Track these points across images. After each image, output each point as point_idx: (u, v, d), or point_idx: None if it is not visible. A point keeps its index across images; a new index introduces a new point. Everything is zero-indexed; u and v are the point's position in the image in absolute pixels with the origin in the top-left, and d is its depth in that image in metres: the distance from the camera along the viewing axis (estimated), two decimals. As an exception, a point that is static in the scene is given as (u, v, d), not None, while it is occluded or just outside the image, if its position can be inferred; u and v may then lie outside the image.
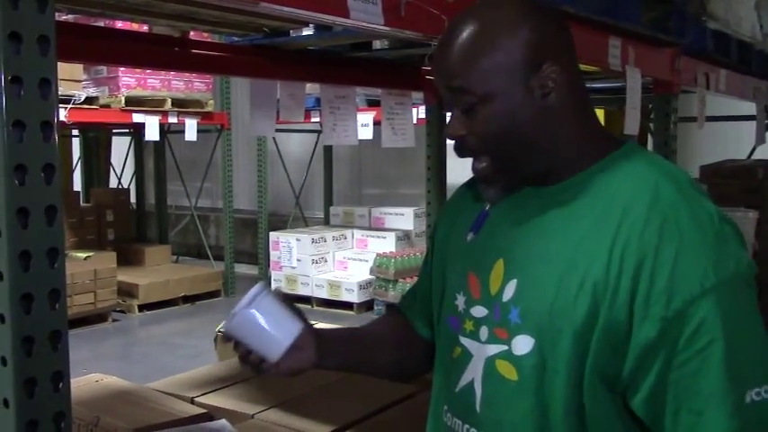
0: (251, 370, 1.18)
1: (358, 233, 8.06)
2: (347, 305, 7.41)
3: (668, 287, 0.98)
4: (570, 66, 1.09)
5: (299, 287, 7.75)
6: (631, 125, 2.56)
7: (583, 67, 2.51)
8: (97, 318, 7.01)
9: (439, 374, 1.24)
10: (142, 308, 7.49)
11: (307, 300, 7.68)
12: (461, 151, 1.11)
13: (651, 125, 4.78)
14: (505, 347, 1.08)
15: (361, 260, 7.68)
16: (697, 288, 0.97)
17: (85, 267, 6.90)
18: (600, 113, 7.04)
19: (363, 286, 7.31)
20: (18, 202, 0.73)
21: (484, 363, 1.11)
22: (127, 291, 7.47)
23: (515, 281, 1.09)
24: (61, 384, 0.75)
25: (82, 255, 7.07)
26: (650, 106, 4.77)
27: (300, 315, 1.20)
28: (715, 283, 0.97)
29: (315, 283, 7.62)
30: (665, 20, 2.58)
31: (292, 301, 1.21)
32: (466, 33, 1.06)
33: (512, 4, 1.09)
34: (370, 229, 8.08)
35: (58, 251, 0.75)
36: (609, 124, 7.00)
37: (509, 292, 1.09)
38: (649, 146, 6.61)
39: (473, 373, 1.13)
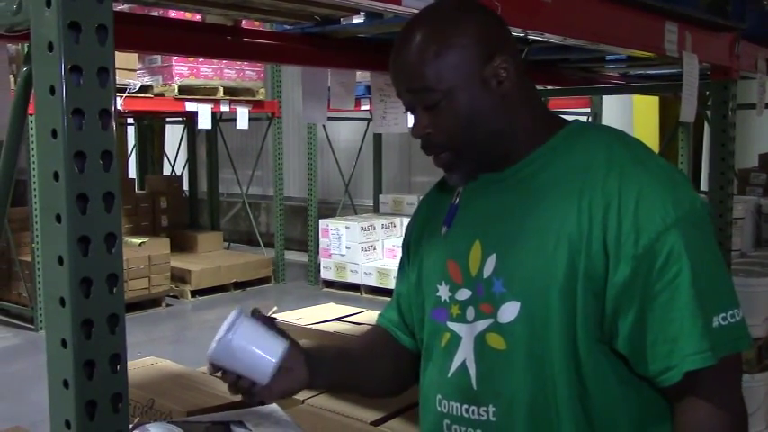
0: (243, 396, 1.20)
1: (407, 221, 8.05)
2: (396, 293, 7.43)
3: (634, 226, 1.07)
4: (516, 55, 1.18)
5: (348, 275, 7.79)
6: (688, 113, 2.50)
7: (637, 53, 2.47)
8: (151, 303, 7.16)
9: (428, 369, 1.28)
10: (195, 293, 7.62)
11: (356, 287, 7.72)
12: (428, 149, 1.19)
13: (708, 112, 4.68)
14: (492, 320, 1.16)
15: (409, 248, 7.68)
16: (660, 224, 1.07)
17: (140, 253, 7.04)
18: (654, 101, 6.91)
19: (412, 274, 7.32)
20: (78, 189, 0.74)
21: (474, 340, 1.18)
22: (180, 276, 7.60)
23: (494, 255, 1.16)
24: (118, 366, 0.77)
25: (137, 241, 7.22)
26: (707, 93, 4.66)
27: (284, 334, 1.22)
28: (675, 219, 1.07)
29: (364, 270, 7.65)
30: (723, 4, 2.51)
31: (272, 321, 1.23)
32: (419, 37, 1.14)
33: (453, 5, 1.18)
34: (419, 217, 8.07)
35: (115, 236, 0.77)
36: (664, 112, 6.88)
37: (489, 267, 1.17)
38: (706, 133, 6.46)
39: (464, 353, 1.19)
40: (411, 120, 1.21)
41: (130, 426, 0.99)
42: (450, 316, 1.22)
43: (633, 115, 6.97)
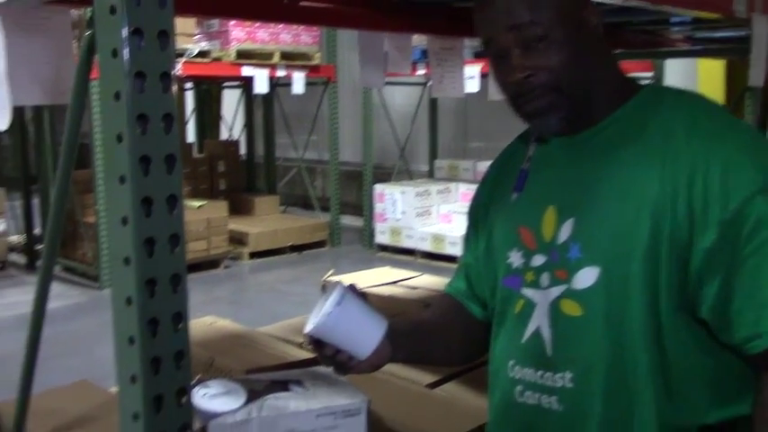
0: (335, 369, 1.23)
1: (462, 186, 8.02)
2: (451, 258, 7.42)
3: (722, 191, 1.04)
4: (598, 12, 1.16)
5: (402, 240, 7.81)
6: (756, 77, 2.42)
7: (704, 14, 2.38)
8: (210, 264, 7.29)
9: (500, 336, 1.28)
10: (252, 255, 7.74)
11: (410, 252, 7.73)
12: (527, 93, 1.14)
13: (776, 76, 4.50)
14: (566, 286, 1.14)
15: (465, 214, 7.64)
16: (748, 189, 1.04)
17: (199, 216, 7.17)
18: (720, 64, 6.70)
19: (467, 240, 7.29)
20: (140, 150, 0.76)
21: (548, 307, 1.17)
22: (238, 239, 7.72)
23: (571, 220, 1.15)
24: (181, 325, 0.78)
25: (196, 204, 7.35)
26: (775, 56, 4.47)
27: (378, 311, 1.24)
28: (763, 184, 1.05)
29: (419, 235, 7.66)
30: (796, -38, 2.40)
31: (364, 294, 1.25)
32: None
33: None
34: (474, 182, 8.02)
35: (176, 198, 0.78)
36: (730, 76, 6.66)
37: (565, 232, 1.15)
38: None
39: (539, 320, 1.18)
40: (470, 84, 1.20)
41: (192, 382, 1.01)
42: (524, 282, 1.21)
43: (698, 79, 6.78)
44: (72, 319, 5.81)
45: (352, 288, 1.22)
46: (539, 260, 1.19)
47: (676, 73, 6.74)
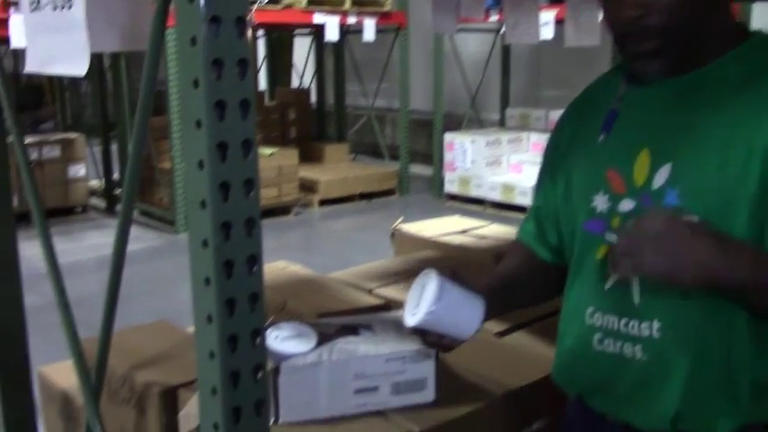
0: (441, 350, 1.31)
1: (534, 136, 7.90)
2: (520, 209, 7.35)
3: None
4: None
5: (471, 189, 7.76)
6: None
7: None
8: (281, 211, 7.41)
9: (576, 282, 1.25)
10: (322, 203, 7.82)
11: (479, 202, 7.69)
12: (638, 34, 1.10)
13: None
14: None
15: (536, 164, 7.51)
16: None
17: (270, 163, 7.26)
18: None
19: (537, 190, 7.20)
20: (216, 95, 0.76)
21: None
22: (308, 186, 7.81)
23: (669, 165, 1.10)
24: (255, 267, 0.80)
25: (267, 151, 7.44)
26: None
27: (470, 286, 1.27)
28: None
29: (488, 185, 7.60)
30: None
31: (455, 273, 1.27)
32: None
33: None
34: (546, 131, 7.88)
35: (251, 143, 0.79)
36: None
37: (661, 177, 1.11)
38: None
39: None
40: (545, 30, 1.17)
41: (266, 324, 1.04)
42: (610, 227, 1.18)
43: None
44: (150, 261, 6.00)
45: (446, 272, 1.24)
46: (627, 205, 1.15)
47: (765, 20, 6.42)
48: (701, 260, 1.01)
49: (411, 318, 1.23)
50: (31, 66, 1.27)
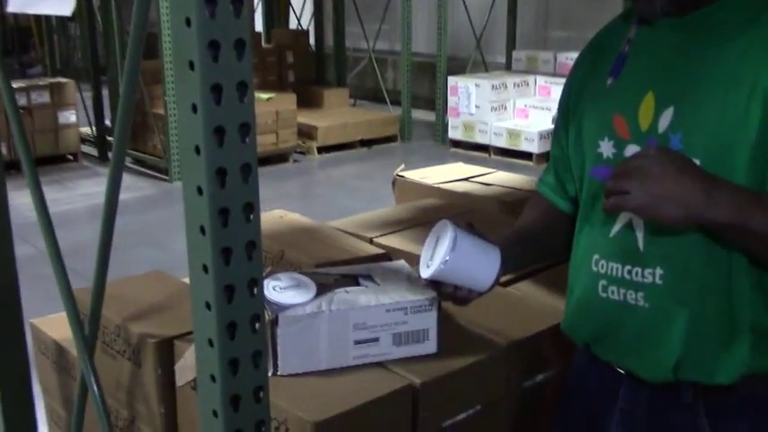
0: (455, 303, 1.30)
1: (541, 79, 7.84)
2: (526, 155, 7.34)
3: None
4: None
5: (476, 135, 7.73)
6: None
7: None
8: (279, 158, 7.39)
9: (584, 230, 1.27)
10: (321, 150, 7.81)
11: (484, 148, 7.67)
12: None
13: None
14: None
15: (543, 108, 7.50)
16: None
17: (267, 108, 7.22)
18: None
19: (544, 136, 7.17)
20: (209, 36, 0.75)
21: None
22: (306, 132, 7.78)
23: (671, 108, 1.11)
24: (252, 215, 0.79)
25: (264, 96, 7.39)
26: None
27: (486, 238, 1.27)
28: None
29: (493, 131, 7.57)
30: None
31: (471, 225, 1.28)
32: None
33: None
34: (554, 75, 7.82)
35: (246, 85, 0.77)
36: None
37: (664, 121, 1.12)
38: None
39: (630, 213, 1.15)
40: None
41: (263, 274, 1.04)
42: None
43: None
44: (143, 210, 6.01)
45: (461, 223, 1.25)
46: (632, 150, 1.16)
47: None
48: (685, 198, 1.02)
49: (426, 270, 1.24)
50: (14, 5, 1.26)
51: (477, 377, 1.44)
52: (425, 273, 1.24)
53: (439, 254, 1.21)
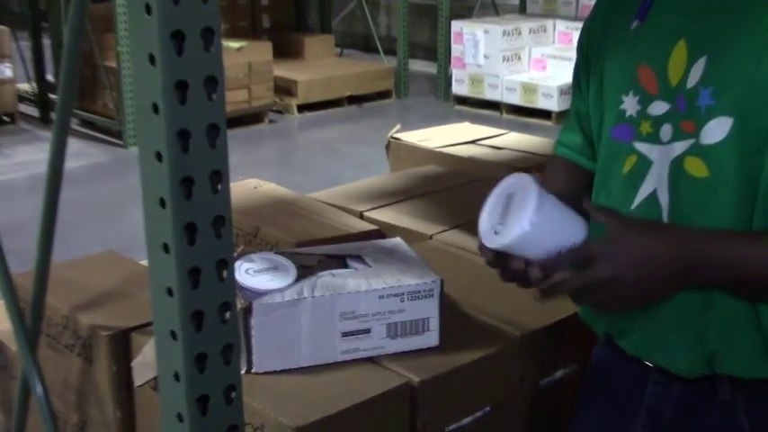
0: (522, 285, 1.20)
1: (561, 24, 7.81)
2: (544, 114, 7.34)
3: None
4: None
5: (485, 90, 7.72)
6: None
7: None
8: (252, 118, 7.37)
9: (601, 199, 1.28)
10: (302, 108, 7.78)
11: (495, 105, 7.66)
12: None
13: None
14: (693, 141, 1.13)
15: (563, 59, 7.49)
16: None
17: (239, 59, 7.18)
18: None
19: (565, 91, 7.16)
20: (167, -27, 0.74)
21: (669, 166, 1.16)
22: (284, 88, 7.75)
23: (704, 59, 1.12)
24: (220, 186, 0.79)
25: (235, 45, 7.34)
26: None
27: None
28: None
29: (505, 85, 7.56)
30: None
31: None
32: None
33: None
34: (576, 19, 7.79)
35: (213, 31, 0.77)
36: None
37: (696, 74, 1.13)
38: None
39: (655, 181, 1.18)
40: None
41: (234, 254, 1.04)
42: (639, 135, 1.20)
43: None
44: (94, 181, 6.00)
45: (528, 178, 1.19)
46: (660, 108, 1.17)
47: None
48: (666, 290, 1.12)
49: (494, 237, 1.14)
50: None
51: (485, 374, 1.45)
52: (497, 240, 1.13)
53: (519, 215, 1.11)
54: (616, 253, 1.09)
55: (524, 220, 1.09)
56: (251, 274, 1.38)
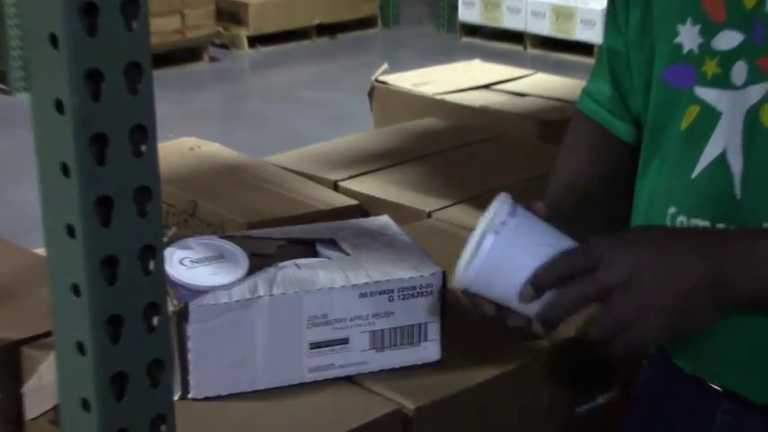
0: (516, 335, 1.26)
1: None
2: (582, 48, 7.34)
3: None
4: None
5: (503, 16, 7.73)
6: None
7: None
8: (187, 54, 7.35)
9: (651, 168, 1.29)
10: (254, 41, 7.76)
11: (516, 37, 7.66)
12: None
13: None
14: None
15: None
16: None
17: (167, -26, 7.15)
18: None
19: (611, 16, 7.17)
20: None
21: (743, 118, 1.16)
22: (230, 13, 7.73)
23: None
24: (144, 147, 0.79)
25: (161, -47, 7.30)
26: None
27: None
28: None
29: (530, 8, 7.57)
30: None
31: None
32: None
33: None
34: None
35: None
36: None
37: None
38: None
39: (724, 138, 1.18)
40: None
41: (164, 239, 1.03)
42: (701, 77, 1.20)
43: None
44: (-30, 140, 5.97)
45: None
46: (729, 40, 1.17)
47: None
48: (695, 297, 1.10)
49: (461, 274, 1.17)
50: None
51: (502, 399, 1.46)
52: (462, 277, 1.17)
53: (483, 225, 1.15)
54: (624, 247, 1.12)
55: (487, 241, 1.14)
56: (187, 265, 1.38)
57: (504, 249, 1.14)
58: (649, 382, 1.38)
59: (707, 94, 1.19)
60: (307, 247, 1.49)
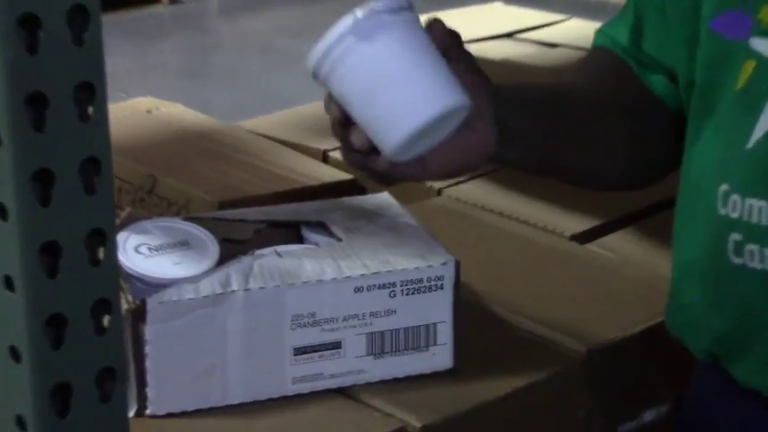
0: (362, 168, 1.28)
1: None
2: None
3: None
4: None
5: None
6: None
7: None
8: (143, -3, 7.36)
9: (702, 137, 1.29)
10: (225, -19, 7.77)
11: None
12: None
13: None
14: None
15: None
16: None
17: None
18: None
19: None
20: None
21: None
22: (197, -54, 7.73)
23: None
24: (91, 108, 0.79)
25: None
26: None
27: (469, 65, 1.28)
28: None
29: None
30: None
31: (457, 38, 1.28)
32: None
33: None
34: None
35: None
36: None
37: None
38: None
39: None
40: None
41: (117, 221, 1.03)
42: (758, 27, 1.19)
43: None
44: None
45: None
46: None
47: None
48: None
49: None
50: None
51: (529, 415, 1.46)
52: (313, 52, 1.23)
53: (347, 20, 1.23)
54: None
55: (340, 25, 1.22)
56: (144, 253, 1.38)
57: (376, 36, 1.20)
58: (701, 396, 1.39)
59: (765, 46, 1.19)
60: (290, 232, 1.49)
